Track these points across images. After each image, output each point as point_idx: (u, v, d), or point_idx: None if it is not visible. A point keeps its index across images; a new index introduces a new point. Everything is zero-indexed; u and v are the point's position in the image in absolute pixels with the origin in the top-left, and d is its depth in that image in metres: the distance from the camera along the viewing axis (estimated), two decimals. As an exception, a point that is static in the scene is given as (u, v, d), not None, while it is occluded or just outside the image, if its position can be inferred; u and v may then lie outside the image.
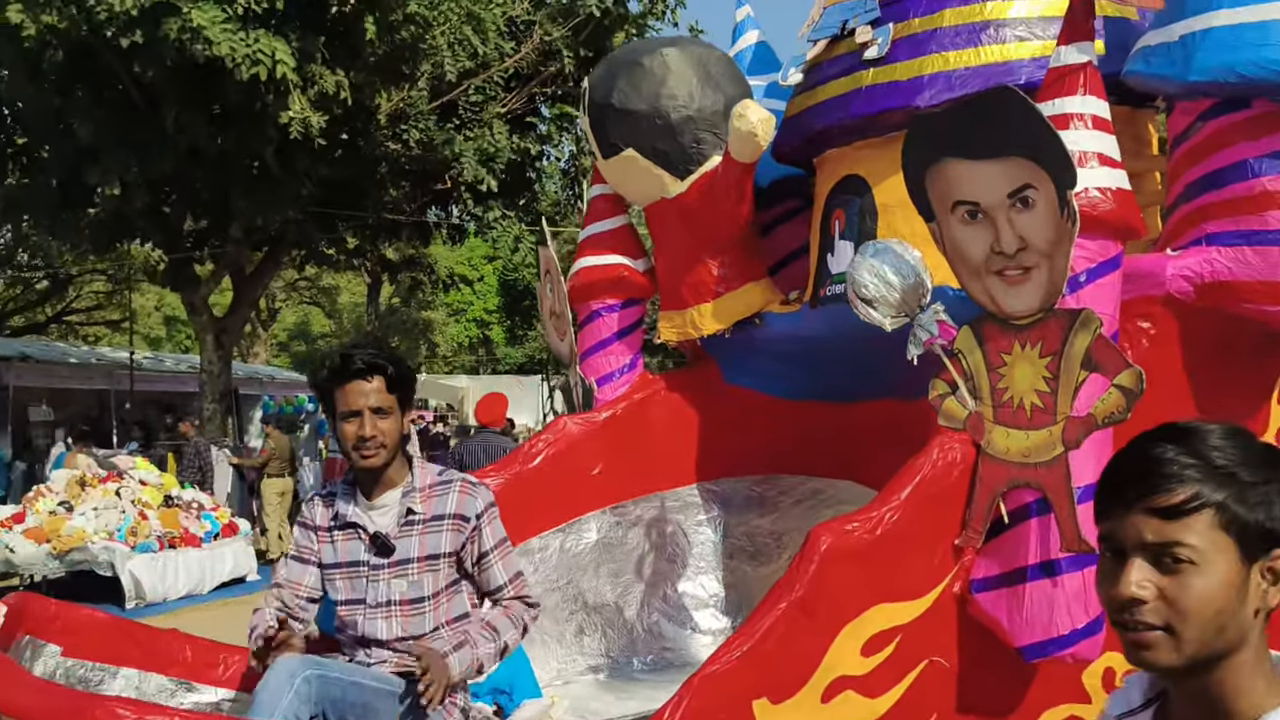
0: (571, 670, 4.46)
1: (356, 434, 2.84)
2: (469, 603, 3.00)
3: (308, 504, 3.08)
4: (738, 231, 4.35)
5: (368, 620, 2.90)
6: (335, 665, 2.74)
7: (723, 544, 4.80)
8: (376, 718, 2.70)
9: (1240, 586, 1.32)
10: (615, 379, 4.65)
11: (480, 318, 47.86)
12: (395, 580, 2.88)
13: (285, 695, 2.51)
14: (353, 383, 2.84)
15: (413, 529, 2.88)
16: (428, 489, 2.92)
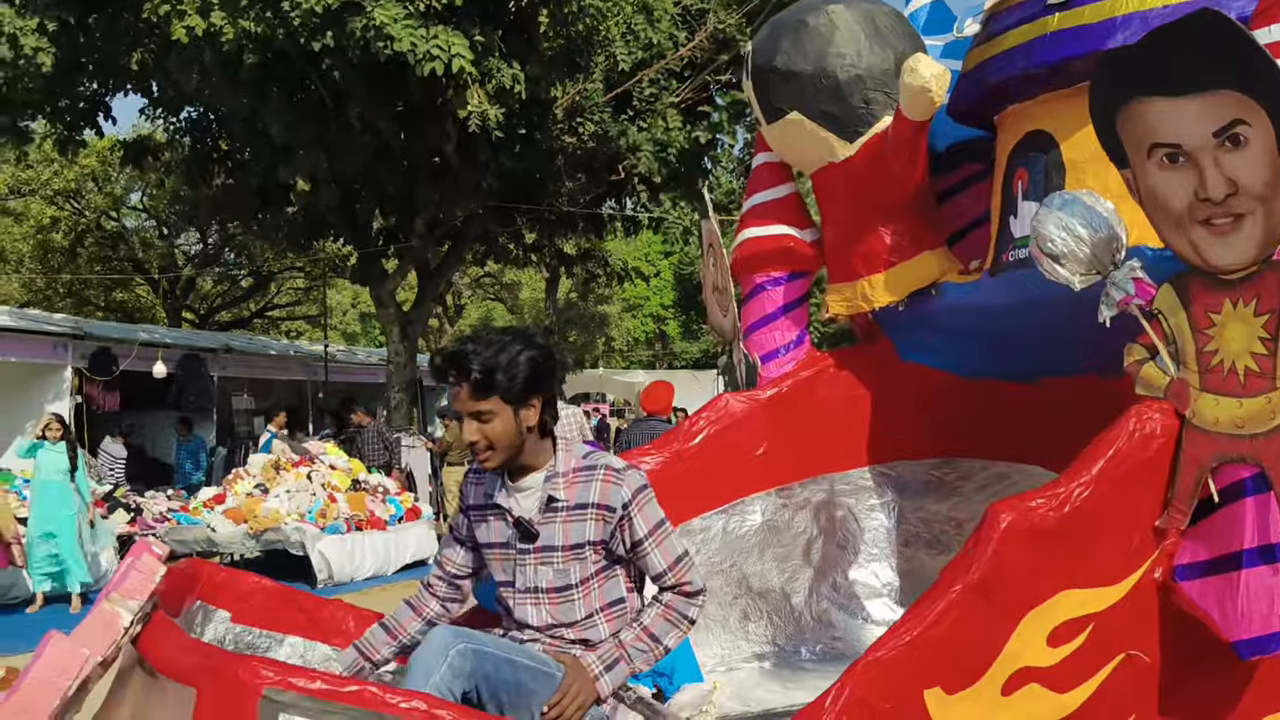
0: (736, 656, 4.30)
1: (465, 437, 2.75)
2: (625, 586, 2.87)
3: (464, 482, 3.02)
4: (911, 196, 4.09)
5: (518, 605, 2.82)
6: (489, 639, 2.65)
7: (897, 530, 4.54)
8: (530, 700, 2.59)
9: None
10: (781, 355, 4.46)
11: (656, 313, 48.20)
12: (541, 567, 2.78)
13: (439, 668, 2.44)
14: (452, 387, 2.73)
15: (555, 516, 2.76)
16: (571, 474, 2.78)
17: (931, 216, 4.23)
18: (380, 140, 13.70)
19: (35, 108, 13.75)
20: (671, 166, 15.41)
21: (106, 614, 2.28)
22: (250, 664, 2.18)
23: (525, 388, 2.73)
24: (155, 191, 25.29)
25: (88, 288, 27.17)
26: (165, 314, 27.03)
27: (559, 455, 2.82)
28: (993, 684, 2.50)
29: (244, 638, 3.40)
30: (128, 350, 14.57)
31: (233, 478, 12.84)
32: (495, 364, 2.71)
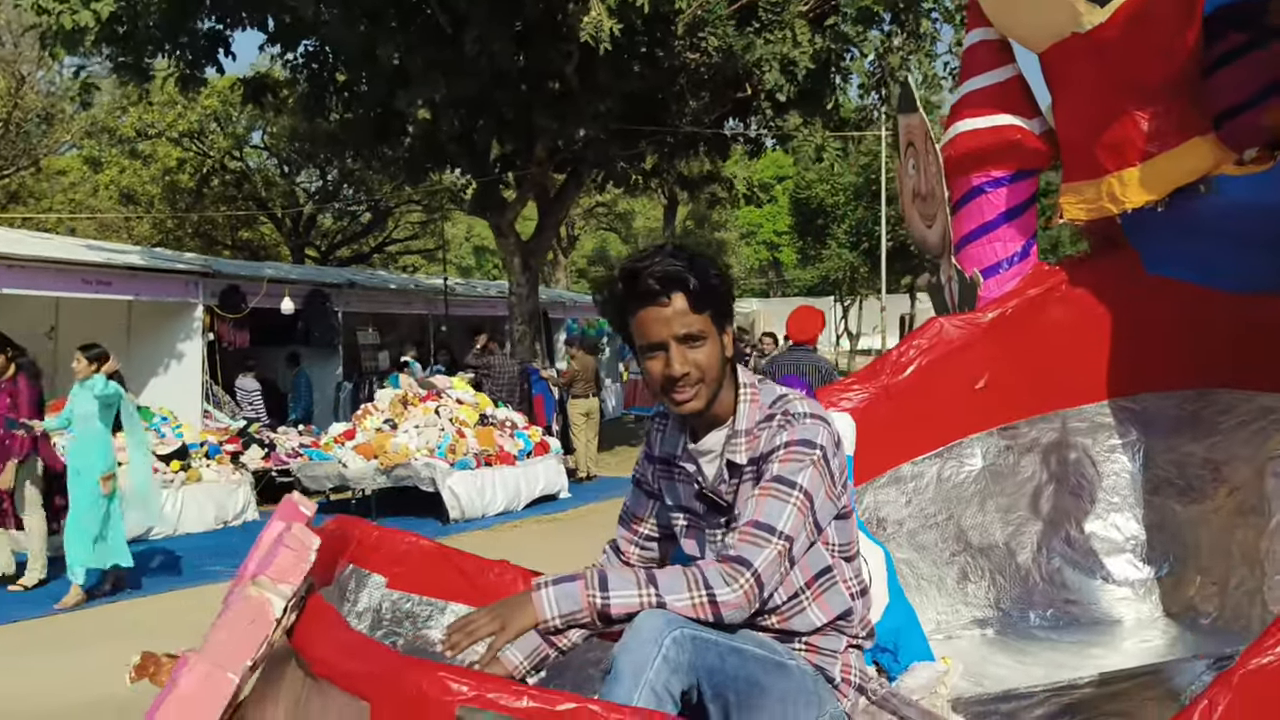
0: (954, 623, 3.71)
1: (664, 373, 2.17)
2: (828, 554, 2.29)
3: (651, 427, 2.47)
4: (1178, 72, 3.34)
5: None
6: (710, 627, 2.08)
7: (1143, 475, 3.85)
8: (765, 696, 2.05)
9: None
10: (1003, 270, 3.78)
11: (770, 239, 47.08)
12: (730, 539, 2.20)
13: (652, 661, 1.89)
14: (648, 308, 2.16)
15: (739, 483, 2.22)
16: (753, 431, 2.22)
17: (1198, 97, 3.46)
18: (497, 64, 13.15)
19: (155, 45, 13.58)
20: (799, 82, 14.51)
21: (254, 603, 1.79)
22: (436, 675, 1.67)
23: (729, 306, 2.24)
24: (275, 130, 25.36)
25: (214, 227, 27.60)
26: (289, 251, 27.29)
27: (741, 408, 2.25)
28: None
29: (402, 605, 2.98)
30: (256, 287, 14.52)
31: (361, 413, 12.69)
32: (707, 274, 2.17)
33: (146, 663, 2.16)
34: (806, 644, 2.26)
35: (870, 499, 3.58)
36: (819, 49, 14.64)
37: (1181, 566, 3.81)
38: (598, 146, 15.63)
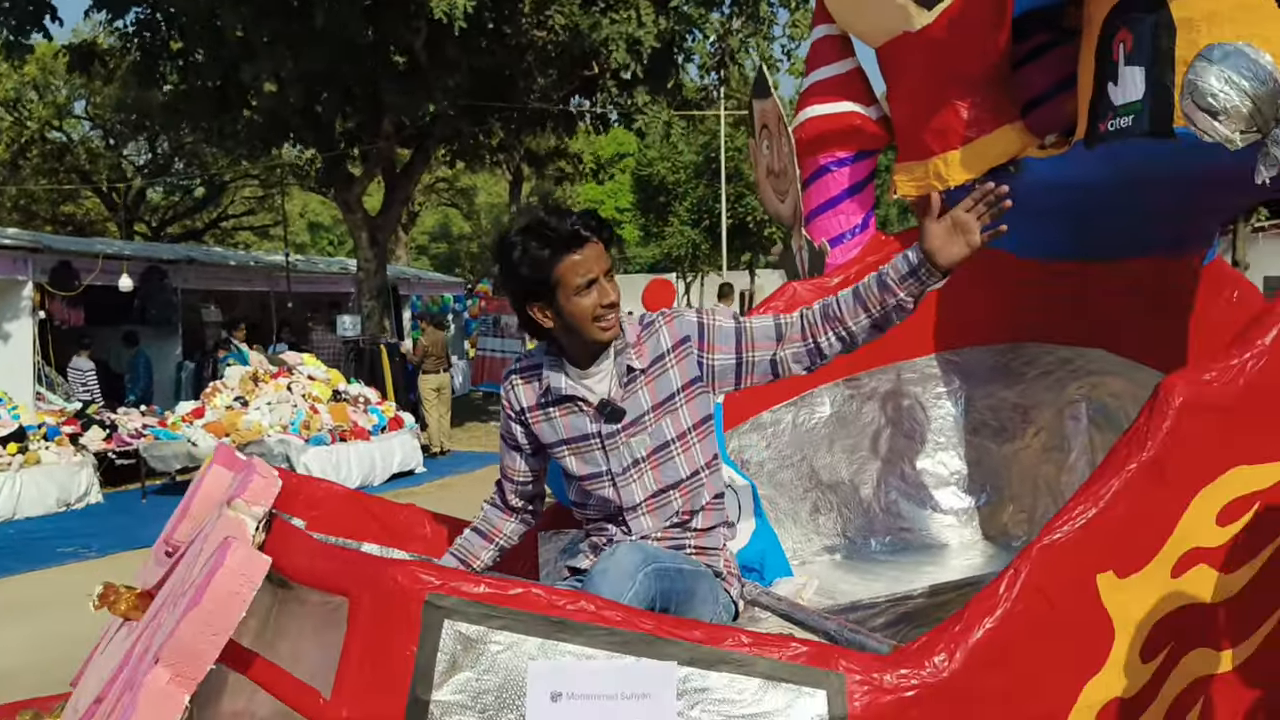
0: (808, 550, 4.20)
1: (598, 303, 2.57)
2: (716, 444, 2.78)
3: (506, 387, 2.83)
4: (992, 67, 3.88)
5: (621, 487, 2.68)
6: (662, 553, 2.54)
7: (965, 419, 4.43)
8: (693, 600, 2.54)
9: None
10: (846, 240, 4.27)
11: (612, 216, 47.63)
12: (635, 440, 2.64)
13: (627, 592, 2.31)
14: (582, 249, 2.56)
15: (636, 384, 2.64)
16: (639, 341, 2.67)
17: (1009, 88, 4.02)
18: (348, 37, 13.11)
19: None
20: (644, 62, 14.95)
21: (232, 522, 2.07)
22: (409, 568, 2.00)
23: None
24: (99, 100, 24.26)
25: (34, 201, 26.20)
26: (116, 227, 26.19)
27: (625, 328, 2.68)
28: (1163, 566, 2.39)
29: (319, 546, 3.24)
30: (89, 264, 14.04)
31: (210, 391, 12.52)
32: (605, 223, 2.65)
33: (108, 593, 2.41)
34: (695, 546, 2.70)
35: (735, 443, 4.02)
36: (663, 30, 15.11)
37: (997, 496, 4.41)
38: (446, 122, 15.71)
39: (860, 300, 2.55)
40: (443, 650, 1.99)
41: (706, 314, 2.68)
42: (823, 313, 2.60)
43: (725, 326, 2.65)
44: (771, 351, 2.63)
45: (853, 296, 2.57)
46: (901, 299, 2.53)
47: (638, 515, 2.67)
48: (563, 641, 2.03)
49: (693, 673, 2.05)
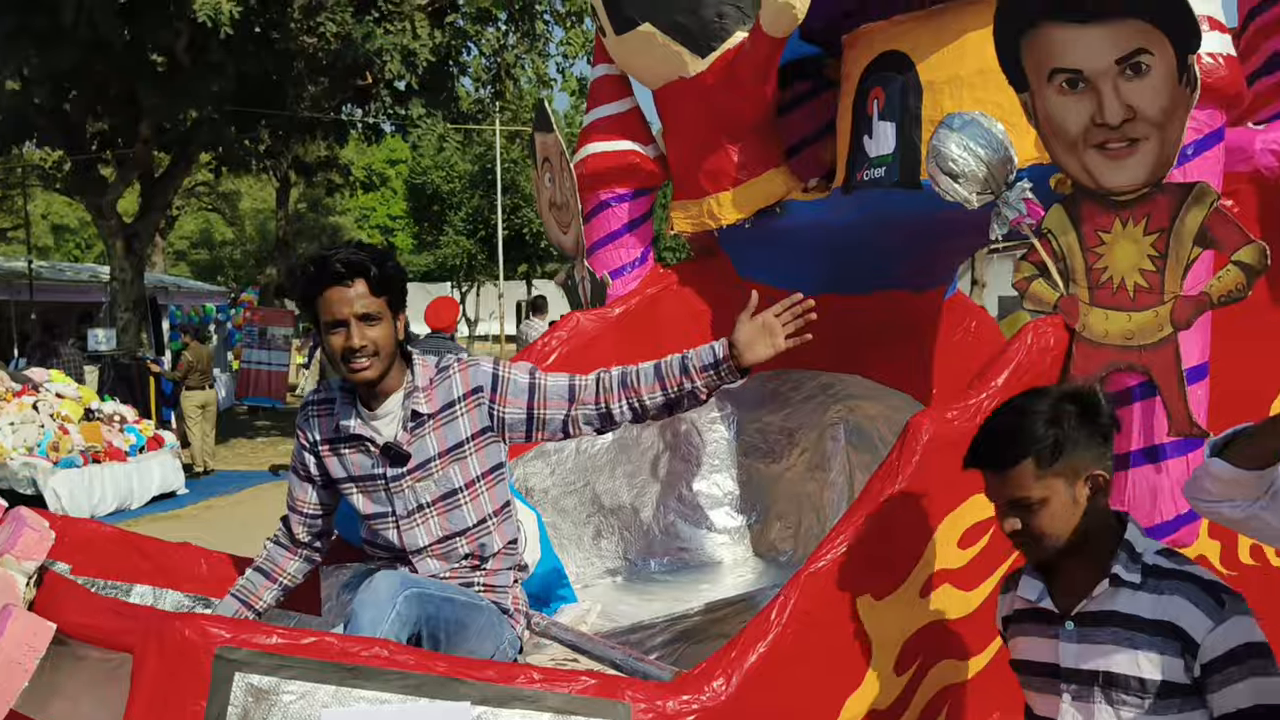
0: (590, 574, 4.32)
1: (343, 345, 2.59)
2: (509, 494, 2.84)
3: (301, 417, 2.83)
4: (760, 114, 4.13)
5: (405, 531, 2.71)
6: (429, 582, 2.57)
7: (737, 441, 4.67)
8: (466, 633, 2.56)
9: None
10: (626, 273, 4.43)
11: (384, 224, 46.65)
12: (420, 485, 2.69)
13: (387, 617, 2.32)
14: (333, 289, 2.58)
15: (423, 429, 2.68)
16: (430, 385, 2.71)
17: (775, 134, 4.29)
18: (100, 35, 12.35)
19: None
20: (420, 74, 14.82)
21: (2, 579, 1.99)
22: (196, 622, 1.97)
23: (403, 295, 2.69)
24: None
25: None
26: None
27: (416, 370, 2.72)
28: (914, 587, 2.64)
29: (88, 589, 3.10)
30: None
31: (-57, 412, 11.49)
32: (385, 265, 2.63)
33: None
34: (484, 585, 2.76)
35: (521, 471, 4.10)
36: (439, 43, 15.02)
37: (766, 515, 4.67)
38: (210, 127, 15.04)
39: (660, 377, 2.68)
40: (234, 704, 1.98)
41: (503, 366, 2.74)
42: (620, 380, 2.71)
43: (520, 381, 2.72)
44: (565, 411, 2.72)
45: (653, 371, 2.69)
46: (698, 387, 2.68)
47: (423, 557, 2.71)
48: (356, 688, 2.06)
49: (486, 711, 2.12)
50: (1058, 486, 2.00)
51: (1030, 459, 2.00)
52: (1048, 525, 2.01)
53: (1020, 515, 2.02)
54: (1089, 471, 2.02)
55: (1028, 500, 2.01)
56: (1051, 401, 2.06)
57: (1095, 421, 2.04)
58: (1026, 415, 2.05)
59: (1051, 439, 2.00)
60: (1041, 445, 1.99)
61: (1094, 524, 2.03)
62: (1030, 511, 2.01)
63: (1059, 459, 2.00)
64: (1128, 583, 1.99)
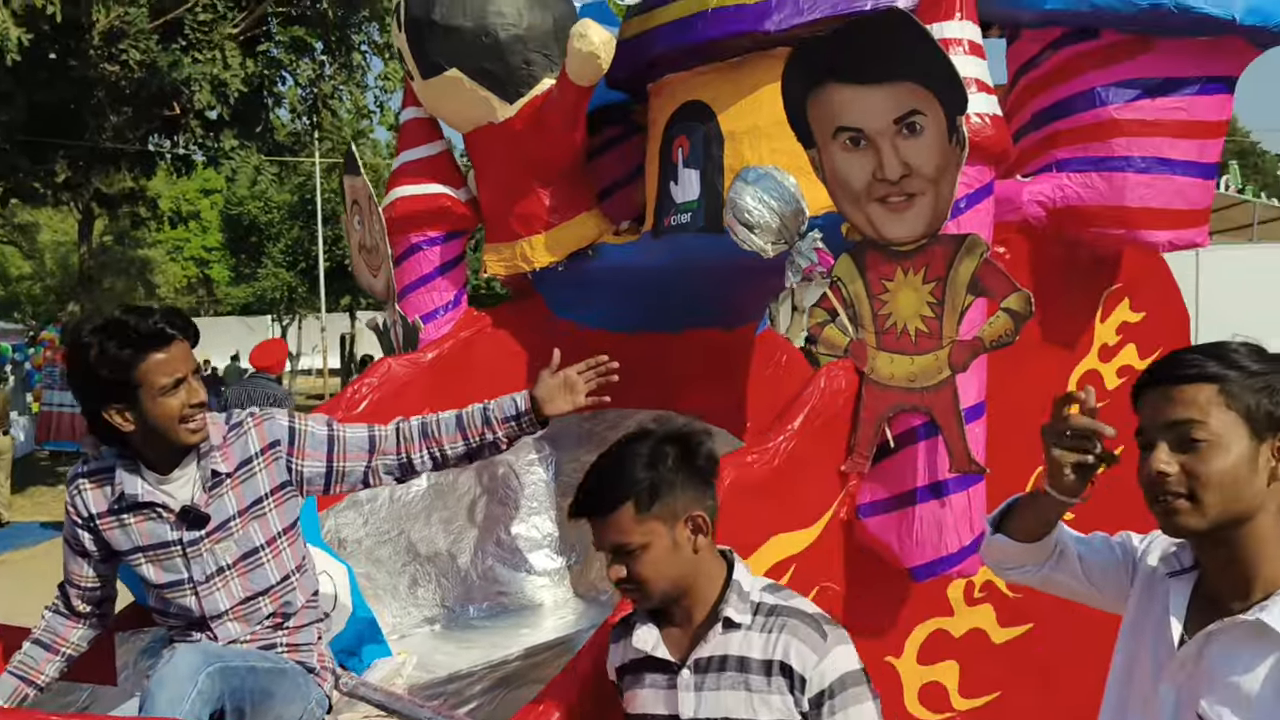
0: (407, 623, 4.25)
1: (186, 403, 2.50)
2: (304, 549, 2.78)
3: (72, 492, 2.67)
4: (570, 159, 4.18)
5: (204, 597, 2.62)
6: (231, 653, 2.47)
7: (555, 483, 4.68)
8: (272, 701, 2.48)
9: (1251, 460, 1.61)
10: (439, 316, 4.39)
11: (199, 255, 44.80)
12: (219, 546, 2.60)
13: (189, 696, 2.22)
14: (167, 350, 2.49)
15: (223, 488, 2.60)
16: (225, 442, 2.63)
17: (587, 179, 4.35)
18: None
19: None
20: (230, 103, 14.33)
21: None
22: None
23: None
24: None
25: None
26: None
27: (210, 429, 2.63)
28: (717, 629, 2.70)
29: None
30: None
31: None
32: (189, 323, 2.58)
33: None
34: (288, 644, 2.68)
35: (332, 522, 4.00)
36: (251, 73, 14.57)
37: (586, 555, 4.69)
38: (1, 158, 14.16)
39: (461, 427, 2.69)
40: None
41: (299, 419, 2.68)
42: (421, 430, 2.70)
43: (318, 434, 2.67)
44: (365, 462, 2.69)
45: (455, 421, 2.70)
46: (499, 437, 2.72)
47: (223, 622, 2.62)
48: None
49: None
50: (658, 530, 1.97)
51: (628, 503, 1.97)
52: (650, 570, 1.98)
53: (624, 562, 1.99)
54: (689, 513, 2.00)
55: (628, 546, 1.97)
56: (651, 444, 2.03)
57: (693, 463, 2.03)
58: (625, 459, 2.03)
59: (648, 482, 1.97)
60: (638, 488, 1.96)
61: (701, 567, 2.01)
62: (633, 557, 1.97)
63: (656, 502, 1.97)
64: (738, 624, 1.99)
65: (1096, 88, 3.12)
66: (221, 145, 15.15)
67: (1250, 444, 1.61)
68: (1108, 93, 3.11)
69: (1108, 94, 3.11)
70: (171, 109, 15.01)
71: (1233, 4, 2.95)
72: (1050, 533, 1.90)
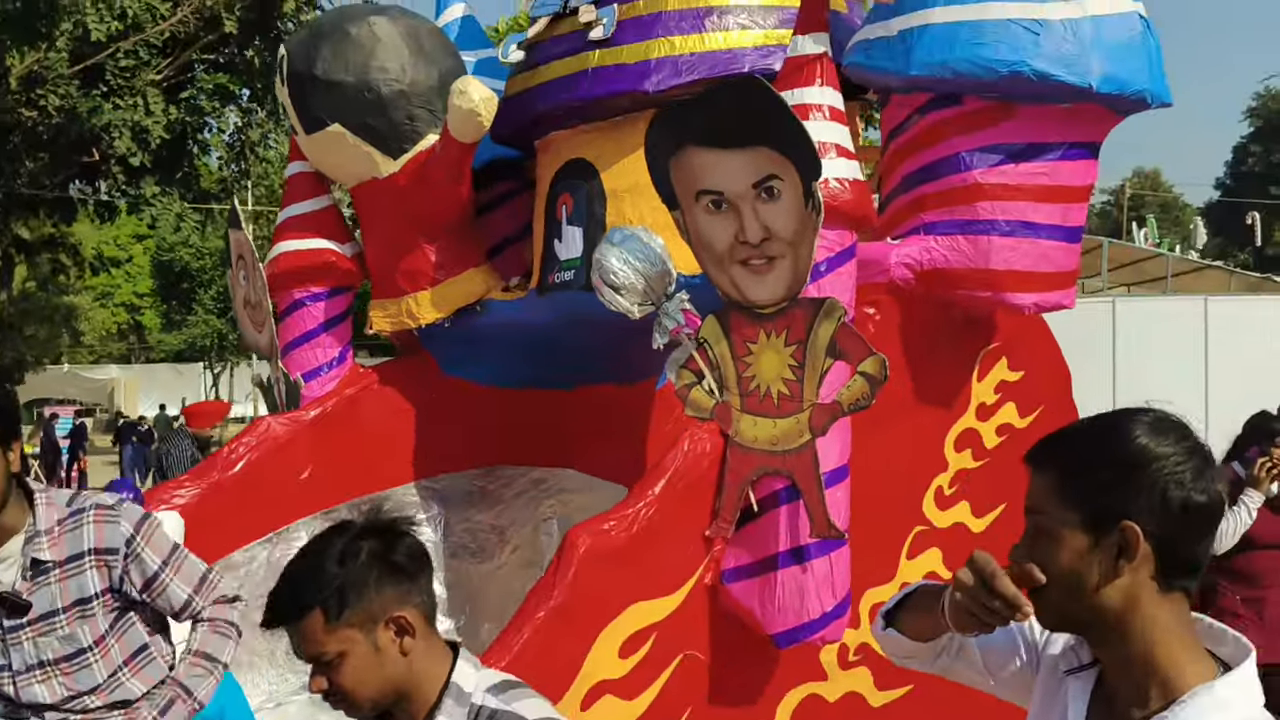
0: (284, 690, 4.10)
1: None
2: (145, 632, 2.65)
3: None
4: (456, 215, 4.14)
5: (22, 688, 2.49)
6: None
7: (444, 543, 4.57)
8: None
9: (1083, 555, 1.49)
10: (323, 374, 4.30)
11: (130, 301, 44.05)
12: (42, 639, 2.48)
13: None
14: None
15: (48, 578, 2.48)
16: (57, 528, 2.50)
17: (474, 234, 4.31)
18: None
19: None
20: (153, 149, 14.16)
21: None
22: None
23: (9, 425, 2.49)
24: None
25: None
26: None
27: (38, 511, 2.50)
28: (574, 700, 2.64)
29: None
30: None
31: None
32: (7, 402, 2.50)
33: None
34: None
35: (202, 587, 3.87)
36: (174, 119, 14.41)
37: (476, 616, 4.59)
38: (-90, 203, 13.83)
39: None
40: None
41: (143, 536, 2.55)
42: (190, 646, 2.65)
43: (148, 565, 2.55)
44: (168, 610, 2.63)
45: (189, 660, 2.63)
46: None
47: (45, 713, 2.49)
48: None
49: None
50: (354, 637, 1.73)
51: (316, 610, 1.72)
52: (352, 681, 1.74)
53: (324, 673, 1.75)
54: (389, 615, 1.75)
55: (324, 656, 1.73)
56: (344, 541, 1.79)
57: (389, 559, 1.79)
58: (316, 558, 1.78)
59: (336, 585, 1.73)
60: (325, 594, 1.72)
61: (415, 669, 1.78)
62: (332, 668, 1.73)
63: (347, 608, 1.72)
64: None
65: (961, 152, 3.15)
66: (142, 192, 14.90)
67: (1085, 538, 1.50)
68: (972, 158, 3.14)
69: (972, 159, 3.14)
70: (91, 155, 14.78)
71: (1089, 72, 3.00)
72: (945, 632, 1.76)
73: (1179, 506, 1.47)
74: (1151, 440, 1.51)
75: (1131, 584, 1.49)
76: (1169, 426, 1.53)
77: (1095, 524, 1.49)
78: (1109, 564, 1.49)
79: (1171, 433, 1.52)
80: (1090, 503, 1.50)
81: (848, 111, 3.91)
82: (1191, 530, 1.49)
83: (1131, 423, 1.53)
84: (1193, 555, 1.52)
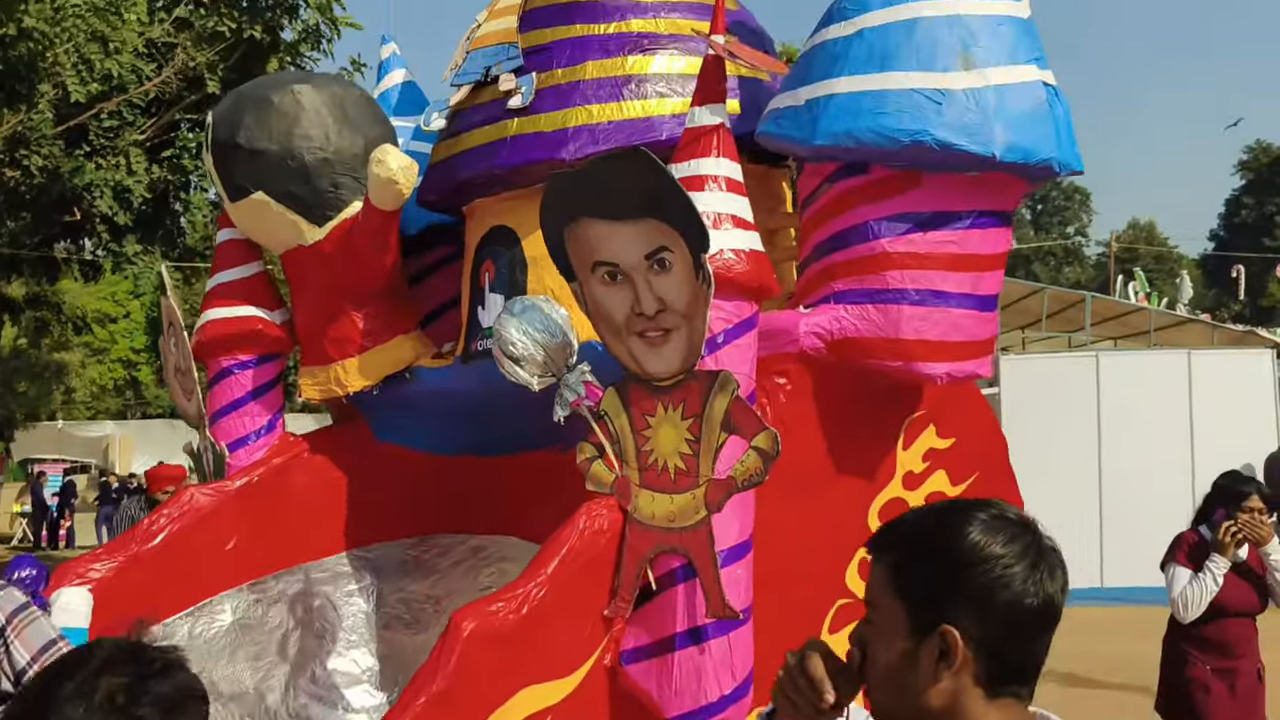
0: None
1: None
2: None
3: None
4: (383, 282, 4.11)
5: None
6: None
7: (377, 614, 4.49)
8: None
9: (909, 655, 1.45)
10: (251, 442, 4.25)
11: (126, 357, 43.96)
12: None
13: None
14: None
15: None
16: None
17: (405, 300, 4.28)
18: None
19: None
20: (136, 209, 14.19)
21: None
22: None
23: None
24: None
25: None
26: None
27: None
28: (460, 789, 2.54)
29: None
30: None
31: None
32: None
33: None
34: None
35: (116, 664, 3.78)
36: (156, 178, 14.46)
37: (409, 689, 4.49)
38: (-111, 263, 13.84)
39: None
40: None
41: (13, 629, 2.52)
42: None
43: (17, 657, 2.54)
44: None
45: None
46: None
47: None
48: None
49: None
50: None
51: None
52: None
53: None
54: None
55: None
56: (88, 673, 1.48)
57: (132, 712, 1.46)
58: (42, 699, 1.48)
59: None
60: None
61: None
62: None
63: None
64: None
65: (870, 221, 3.11)
66: (124, 251, 14.91)
67: (908, 640, 1.44)
68: (880, 226, 3.10)
69: (880, 227, 3.10)
70: (73, 214, 14.82)
71: (992, 142, 2.98)
72: None
73: (1005, 609, 1.42)
74: (983, 538, 1.46)
75: (954, 688, 1.44)
76: (1004, 524, 1.48)
77: (918, 624, 1.45)
78: (930, 666, 1.44)
79: (1005, 530, 1.47)
80: (915, 601, 1.45)
81: (774, 178, 3.91)
82: (1021, 634, 1.44)
83: (966, 519, 1.48)
84: (1024, 658, 1.47)
